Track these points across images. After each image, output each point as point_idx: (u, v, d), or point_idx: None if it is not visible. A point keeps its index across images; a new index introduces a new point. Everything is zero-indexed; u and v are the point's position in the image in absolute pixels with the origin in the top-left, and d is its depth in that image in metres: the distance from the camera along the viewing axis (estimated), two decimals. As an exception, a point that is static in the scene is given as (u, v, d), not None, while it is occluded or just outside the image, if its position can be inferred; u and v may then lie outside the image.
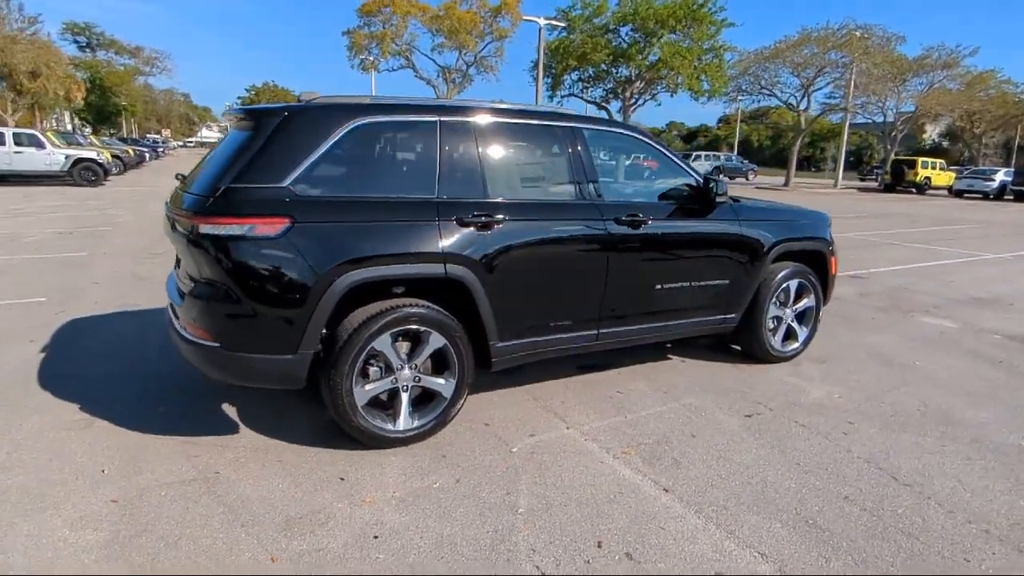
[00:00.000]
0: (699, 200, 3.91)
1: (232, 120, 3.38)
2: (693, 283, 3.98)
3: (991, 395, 4.02)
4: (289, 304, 2.78)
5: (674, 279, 3.89)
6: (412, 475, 2.89)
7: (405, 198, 3.05)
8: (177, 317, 3.06)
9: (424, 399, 3.23)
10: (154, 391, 3.70)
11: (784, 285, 4.40)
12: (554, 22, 24.22)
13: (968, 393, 4.04)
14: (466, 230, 3.11)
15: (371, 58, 20.10)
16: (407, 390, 3.12)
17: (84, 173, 19.92)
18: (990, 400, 3.94)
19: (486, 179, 3.26)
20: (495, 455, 3.09)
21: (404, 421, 3.12)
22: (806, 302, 4.59)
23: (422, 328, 3.05)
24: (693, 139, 77.89)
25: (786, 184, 30.95)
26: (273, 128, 2.86)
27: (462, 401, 3.29)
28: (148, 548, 2.32)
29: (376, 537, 2.42)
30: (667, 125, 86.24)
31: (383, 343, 2.98)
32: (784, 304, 4.50)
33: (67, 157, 19.81)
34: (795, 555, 2.37)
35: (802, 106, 30.03)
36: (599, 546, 2.41)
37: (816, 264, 4.60)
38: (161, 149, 54.89)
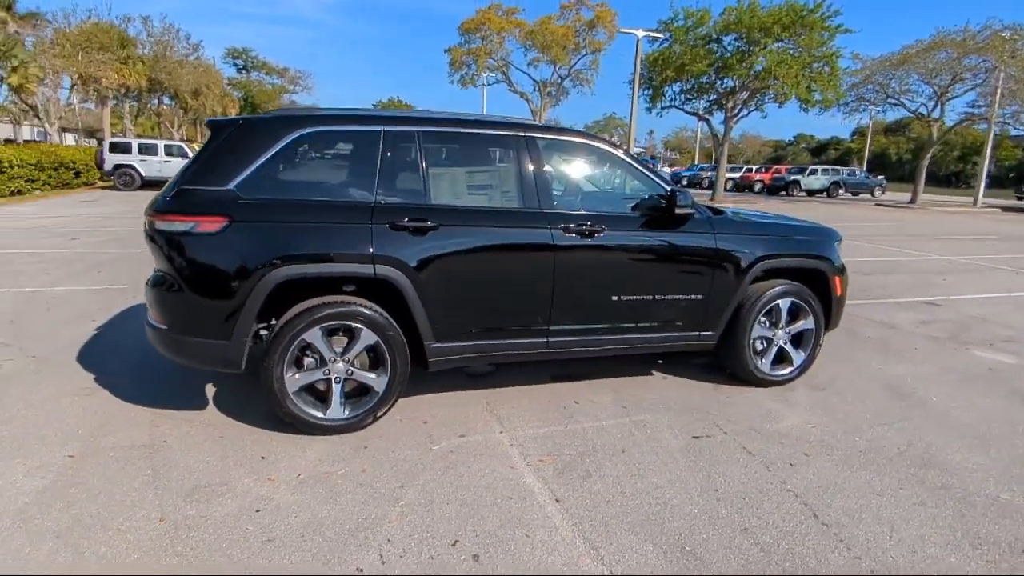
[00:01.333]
0: (666, 212, 3.80)
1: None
2: (658, 296, 3.86)
3: (1002, 441, 3.52)
4: (224, 295, 3.08)
5: (635, 291, 3.80)
6: (326, 460, 3.08)
7: (342, 202, 3.27)
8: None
9: (360, 392, 3.41)
10: (162, 370, 4.17)
11: (774, 304, 4.12)
12: (654, 34, 23.82)
13: (974, 436, 3.57)
14: (398, 234, 3.27)
15: (469, 74, 20.92)
16: (339, 382, 3.32)
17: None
18: (996, 446, 3.45)
19: (428, 186, 3.41)
20: (413, 451, 3.21)
21: (334, 411, 3.32)
22: (802, 324, 4.27)
23: (354, 325, 3.25)
24: (823, 152, 72.88)
25: (912, 201, 28.04)
26: (225, 137, 3.20)
27: (395, 397, 3.44)
28: (72, 497, 2.68)
29: (257, 511, 2.63)
30: (795, 137, 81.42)
31: (314, 336, 3.21)
32: (775, 325, 4.22)
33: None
34: (647, 578, 2.28)
35: (935, 115, 27.13)
36: (453, 544, 2.45)
37: (817, 284, 4.27)
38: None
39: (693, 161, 55.73)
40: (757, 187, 35.20)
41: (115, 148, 21.94)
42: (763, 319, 4.18)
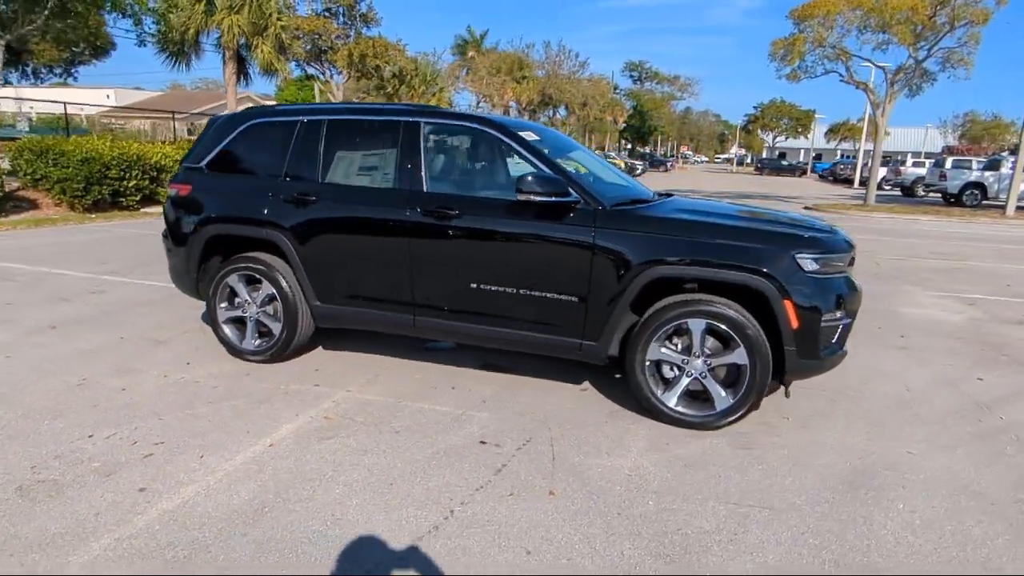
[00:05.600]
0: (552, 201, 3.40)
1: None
2: (523, 291, 3.51)
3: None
4: (182, 243, 4.28)
5: (496, 281, 3.56)
6: (209, 364, 4.00)
7: (259, 177, 4.10)
8: None
9: (268, 334, 4.20)
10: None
11: (679, 324, 3.24)
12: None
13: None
14: (286, 205, 3.93)
15: (803, 66, 18.47)
16: (252, 320, 4.19)
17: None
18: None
19: (323, 166, 3.96)
20: (270, 384, 3.86)
21: (248, 342, 4.21)
22: (730, 357, 3.20)
23: (257, 275, 4.07)
24: None
25: None
26: (207, 128, 4.38)
27: (294, 342, 4.11)
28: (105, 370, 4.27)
29: (162, 383, 3.74)
30: None
31: (234, 281, 4.15)
32: (687, 350, 3.29)
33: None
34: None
35: None
36: (105, 438, 3.08)
37: (763, 308, 3.14)
38: (670, 164, 62.09)
39: None
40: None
41: (486, 152, 26.93)
42: (669, 340, 3.32)
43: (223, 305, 4.24)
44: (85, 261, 7.49)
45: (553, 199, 3.35)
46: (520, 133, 3.66)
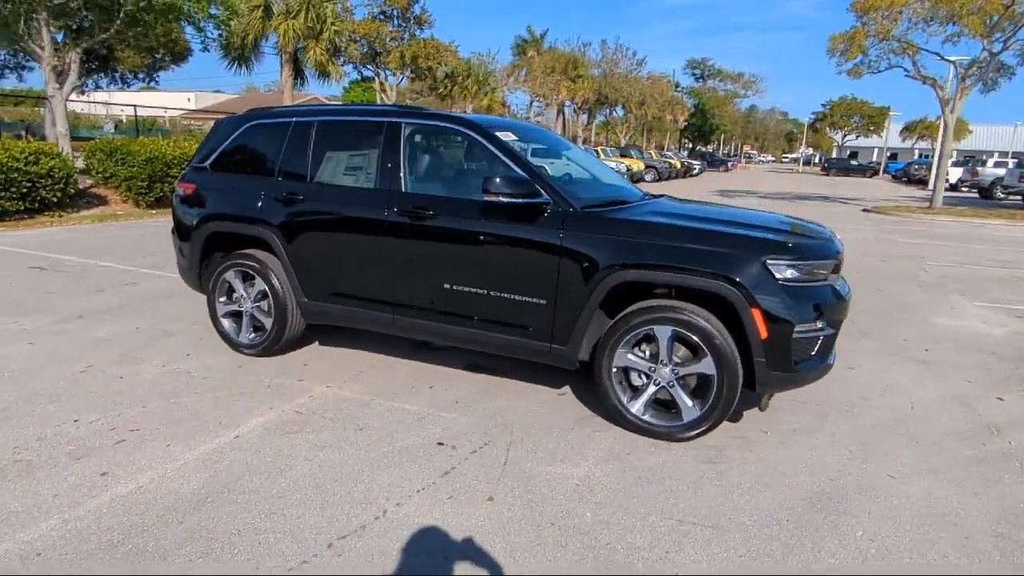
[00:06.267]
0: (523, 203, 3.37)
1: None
2: (493, 292, 3.48)
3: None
4: (186, 239, 4.47)
5: (467, 282, 3.54)
6: (207, 356, 4.17)
7: (255, 177, 4.23)
8: None
9: (261, 328, 4.34)
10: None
11: (646, 331, 3.13)
12: None
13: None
14: (276, 203, 4.05)
15: (866, 61, 17.48)
16: (247, 315, 4.34)
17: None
18: None
19: (311, 166, 4.05)
20: (253, 376, 3.99)
21: (244, 336, 4.36)
22: (697, 367, 3.07)
23: (251, 272, 4.21)
24: None
25: None
26: (213, 130, 4.56)
27: (284, 337, 4.23)
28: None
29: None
30: None
31: (231, 277, 4.31)
32: (655, 358, 3.17)
33: (595, 167, 25.67)
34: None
35: None
36: (89, 423, 3.24)
37: (732, 315, 2.99)
38: (731, 164, 60.17)
39: None
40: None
41: (532, 153, 26.89)
42: (638, 347, 3.22)
43: (222, 299, 4.40)
44: (131, 254, 7.96)
45: (520, 200, 3.30)
46: (496, 133, 3.62)
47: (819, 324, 3.05)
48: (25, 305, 5.44)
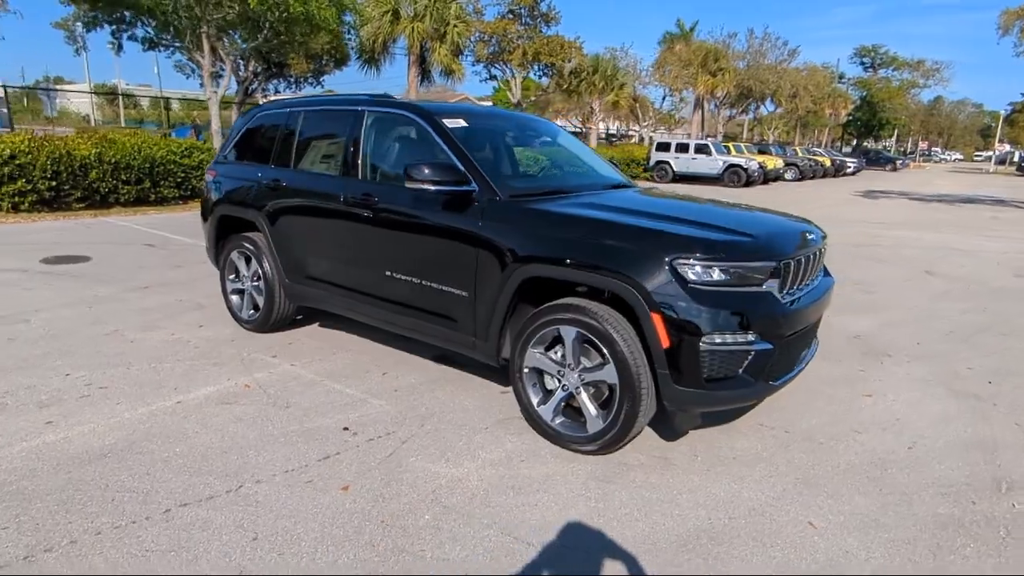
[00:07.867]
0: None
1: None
2: (424, 282, 3.41)
3: None
4: (206, 220, 4.90)
5: (403, 270, 3.52)
6: (215, 328, 4.54)
7: (255, 165, 4.52)
8: None
9: (258, 307, 4.64)
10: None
11: (553, 331, 2.88)
12: None
13: None
14: (265, 189, 4.30)
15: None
16: (247, 293, 4.66)
17: (731, 176, 23.88)
18: None
19: (295, 154, 4.25)
20: (227, 346, 4.28)
21: (244, 312, 4.69)
22: (600, 374, 2.76)
23: (248, 253, 4.52)
24: None
25: None
26: (236, 123, 4.93)
27: (272, 317, 4.49)
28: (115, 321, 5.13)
29: (133, 342, 4.42)
30: None
31: (235, 257, 4.66)
32: (563, 362, 2.90)
33: (724, 163, 24.24)
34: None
35: None
36: (75, 378, 3.62)
37: (637, 315, 2.65)
38: (900, 163, 53.27)
39: None
40: None
41: (660, 147, 25.87)
42: (550, 348, 2.97)
43: (231, 277, 4.78)
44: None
45: (446, 188, 3.20)
46: (441, 119, 3.53)
47: (747, 336, 2.61)
48: (112, 276, 6.28)
